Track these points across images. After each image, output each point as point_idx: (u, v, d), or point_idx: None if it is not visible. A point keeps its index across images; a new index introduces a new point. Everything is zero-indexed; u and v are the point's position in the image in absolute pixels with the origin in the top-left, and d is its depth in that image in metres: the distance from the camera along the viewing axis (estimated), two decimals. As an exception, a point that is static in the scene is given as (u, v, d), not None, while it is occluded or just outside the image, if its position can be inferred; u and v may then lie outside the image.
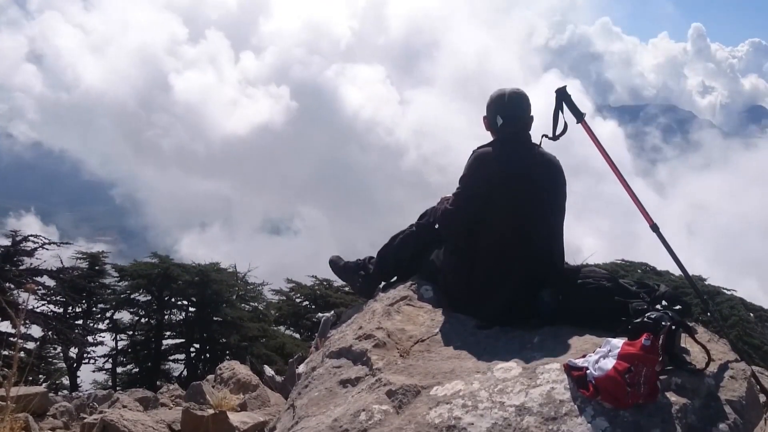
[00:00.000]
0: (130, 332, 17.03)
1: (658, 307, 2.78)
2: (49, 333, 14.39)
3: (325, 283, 17.66)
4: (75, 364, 15.93)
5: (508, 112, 3.33)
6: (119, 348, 16.71)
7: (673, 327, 2.53)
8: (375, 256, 3.87)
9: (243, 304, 17.54)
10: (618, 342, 2.48)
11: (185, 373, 16.16)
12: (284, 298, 18.28)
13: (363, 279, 3.90)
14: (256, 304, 18.01)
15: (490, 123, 3.39)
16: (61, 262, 15.60)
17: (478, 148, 3.38)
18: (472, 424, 2.40)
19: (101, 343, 16.28)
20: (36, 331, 14.02)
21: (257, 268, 17.90)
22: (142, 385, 12.30)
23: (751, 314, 13.87)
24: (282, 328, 18.07)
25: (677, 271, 3.54)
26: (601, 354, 2.48)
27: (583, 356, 2.57)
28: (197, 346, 16.89)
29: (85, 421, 4.78)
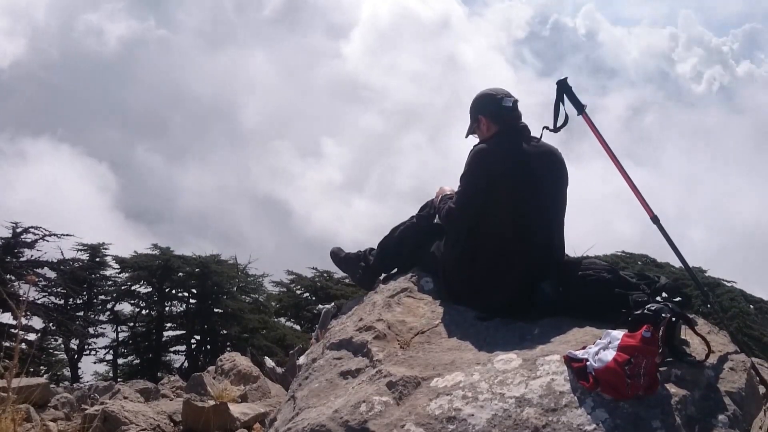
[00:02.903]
0: (131, 324, 17.08)
1: (659, 298, 2.78)
2: (50, 324, 14.46)
3: (325, 274, 17.68)
4: (76, 356, 15.99)
5: (507, 95, 3.34)
6: (120, 339, 16.77)
7: (673, 319, 2.53)
8: (376, 247, 3.86)
9: (243, 296, 17.58)
10: (618, 333, 2.48)
11: (186, 364, 16.22)
12: (285, 289, 18.31)
13: (363, 270, 3.90)
14: (256, 295, 18.04)
15: (494, 113, 3.35)
16: (62, 254, 15.66)
17: (477, 144, 3.37)
18: (472, 415, 2.40)
19: (102, 334, 16.37)
20: (37, 322, 14.10)
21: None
22: (143, 377, 12.36)
23: (751, 306, 13.92)
24: (282, 320, 18.10)
25: (678, 263, 3.53)
26: (601, 345, 2.48)
27: (583, 348, 2.57)
28: (198, 337, 16.94)
29: (87, 412, 4.80)
